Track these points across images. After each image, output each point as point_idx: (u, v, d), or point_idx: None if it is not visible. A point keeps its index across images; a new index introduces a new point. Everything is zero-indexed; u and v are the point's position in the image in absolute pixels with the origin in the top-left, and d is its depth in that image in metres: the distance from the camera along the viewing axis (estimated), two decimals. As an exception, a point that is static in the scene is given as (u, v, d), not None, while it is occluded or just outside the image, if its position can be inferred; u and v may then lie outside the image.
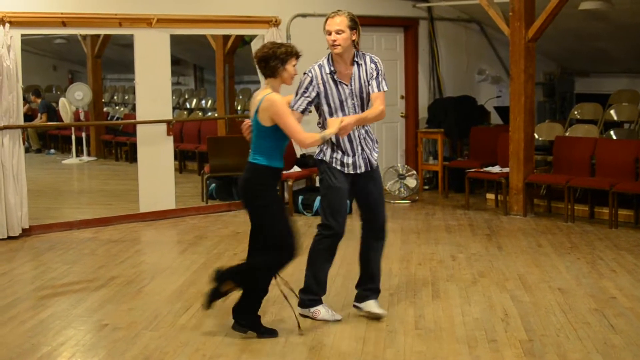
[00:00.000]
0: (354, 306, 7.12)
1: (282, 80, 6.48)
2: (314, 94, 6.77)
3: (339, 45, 6.73)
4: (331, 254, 7.03)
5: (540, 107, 14.94)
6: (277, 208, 6.54)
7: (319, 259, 7.01)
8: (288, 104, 6.63)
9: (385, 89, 6.88)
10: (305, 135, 6.41)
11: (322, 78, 6.78)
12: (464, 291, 7.77)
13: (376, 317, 6.94)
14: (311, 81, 6.77)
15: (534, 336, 6.44)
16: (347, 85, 6.80)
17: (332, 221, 6.85)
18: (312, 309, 6.99)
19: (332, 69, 6.79)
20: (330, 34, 6.76)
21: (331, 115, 6.79)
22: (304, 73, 6.84)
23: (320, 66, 6.83)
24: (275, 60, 6.42)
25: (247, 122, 6.71)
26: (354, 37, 6.78)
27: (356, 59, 6.86)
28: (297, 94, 6.80)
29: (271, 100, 6.33)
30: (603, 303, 7.31)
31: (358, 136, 6.87)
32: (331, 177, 6.86)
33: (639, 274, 8.32)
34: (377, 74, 6.86)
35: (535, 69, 11.58)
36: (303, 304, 7.02)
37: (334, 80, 6.79)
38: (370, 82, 6.85)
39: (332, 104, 6.80)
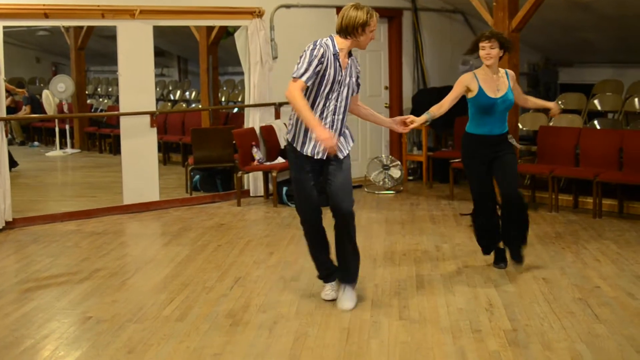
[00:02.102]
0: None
1: None
2: (319, 68, 6.68)
3: None
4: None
5: (525, 98, 14.95)
6: None
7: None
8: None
9: None
10: None
11: (329, 56, 6.72)
12: (448, 281, 7.78)
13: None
14: (323, 54, 6.66)
15: (518, 326, 6.45)
16: (342, 72, 6.80)
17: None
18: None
19: (337, 51, 6.77)
20: (373, 32, 6.84)
21: (319, 94, 6.75)
22: (315, 44, 6.71)
23: (327, 44, 6.74)
24: None
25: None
26: None
27: (351, 54, 6.94)
28: (306, 64, 6.63)
29: None
30: (587, 292, 7.33)
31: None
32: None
33: (623, 263, 8.35)
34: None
35: (519, 59, 11.57)
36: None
37: (336, 62, 6.75)
38: (357, 81, 7.00)
39: (325, 84, 6.75)
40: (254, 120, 12.52)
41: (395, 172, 13.13)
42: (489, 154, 7.88)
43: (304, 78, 6.59)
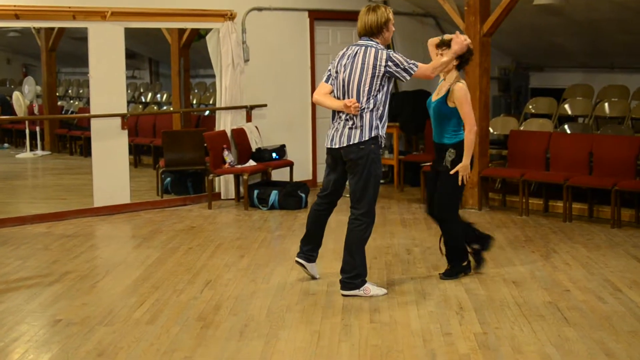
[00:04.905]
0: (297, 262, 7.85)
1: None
2: None
3: None
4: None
5: (495, 102, 15.03)
6: None
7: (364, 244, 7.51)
8: None
9: None
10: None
11: None
12: (419, 284, 7.79)
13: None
14: None
15: (488, 329, 6.47)
16: None
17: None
18: (362, 288, 7.42)
19: None
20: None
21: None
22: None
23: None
24: None
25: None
26: None
27: None
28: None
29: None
30: (557, 296, 7.36)
31: None
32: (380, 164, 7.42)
33: (593, 267, 8.39)
34: None
35: (490, 63, 11.63)
36: (355, 286, 7.42)
37: None
38: None
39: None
40: (225, 123, 12.49)
41: (367, 176, 13.11)
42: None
43: None
